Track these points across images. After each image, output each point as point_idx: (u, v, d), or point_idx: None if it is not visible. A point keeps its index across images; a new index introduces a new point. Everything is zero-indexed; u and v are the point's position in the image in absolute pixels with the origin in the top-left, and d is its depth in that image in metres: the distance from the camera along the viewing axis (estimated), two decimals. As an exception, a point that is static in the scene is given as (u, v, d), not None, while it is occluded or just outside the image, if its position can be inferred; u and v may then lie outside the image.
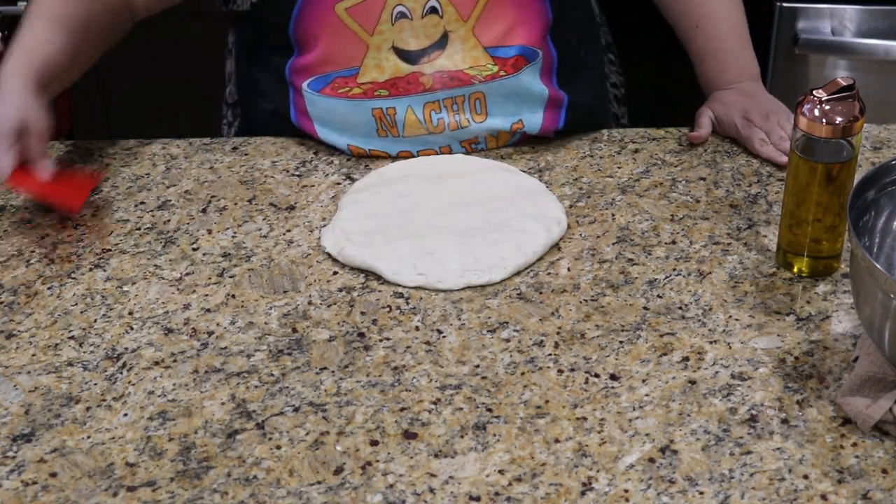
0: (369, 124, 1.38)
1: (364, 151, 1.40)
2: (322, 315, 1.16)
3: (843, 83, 1.13)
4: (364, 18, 1.35)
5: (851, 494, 0.95)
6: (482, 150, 1.41)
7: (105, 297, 1.19)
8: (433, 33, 1.36)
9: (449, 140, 1.39)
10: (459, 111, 1.37)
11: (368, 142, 1.39)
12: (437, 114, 1.37)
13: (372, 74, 1.37)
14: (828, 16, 2.03)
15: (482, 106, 1.38)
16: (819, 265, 1.20)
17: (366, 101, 1.37)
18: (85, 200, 1.31)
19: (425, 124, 1.37)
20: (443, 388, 1.07)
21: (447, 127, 1.38)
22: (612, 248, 1.25)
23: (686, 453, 0.99)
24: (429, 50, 1.36)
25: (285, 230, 1.29)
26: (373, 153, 1.40)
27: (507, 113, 1.39)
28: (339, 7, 1.34)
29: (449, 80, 1.36)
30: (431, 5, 1.34)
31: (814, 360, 1.09)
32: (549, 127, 1.42)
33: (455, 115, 1.37)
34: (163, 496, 0.96)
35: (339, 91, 1.37)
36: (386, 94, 1.37)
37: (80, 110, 2.28)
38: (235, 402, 1.06)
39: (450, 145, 1.39)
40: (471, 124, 1.38)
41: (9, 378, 1.09)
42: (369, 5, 1.34)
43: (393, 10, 1.34)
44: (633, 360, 1.10)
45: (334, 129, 1.40)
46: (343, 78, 1.38)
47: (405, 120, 1.37)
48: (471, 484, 0.96)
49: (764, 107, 1.43)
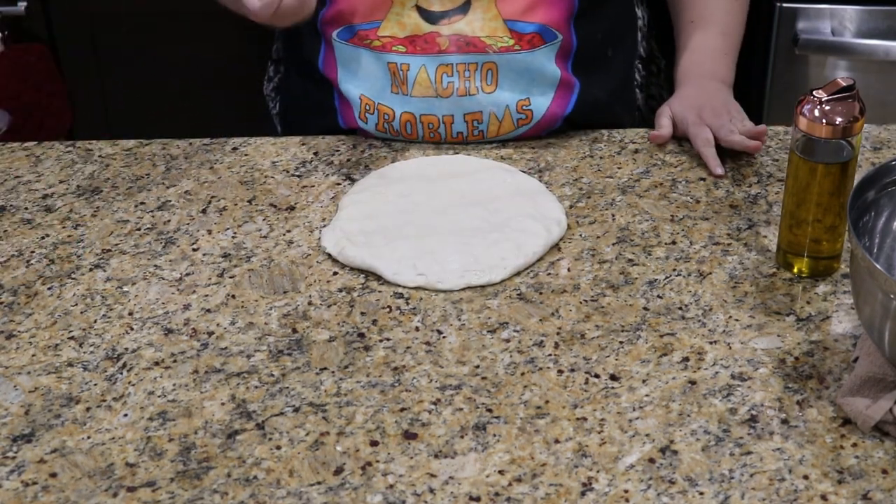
0: (385, 77, 1.41)
1: (373, 103, 1.42)
2: (322, 315, 1.16)
3: (843, 83, 1.13)
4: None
5: (851, 495, 0.95)
6: (482, 132, 1.41)
7: (105, 297, 1.19)
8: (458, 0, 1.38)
9: (453, 108, 1.40)
10: (471, 78, 1.39)
11: (380, 95, 1.42)
12: (448, 76, 1.39)
13: (392, 29, 1.39)
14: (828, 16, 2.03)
15: (493, 77, 1.39)
16: (819, 265, 1.20)
17: (384, 53, 1.40)
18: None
19: (435, 85, 1.39)
20: (443, 388, 1.07)
21: (455, 91, 1.39)
22: (612, 249, 1.25)
23: (686, 453, 0.99)
24: (450, 13, 1.39)
25: (285, 230, 1.29)
26: (381, 107, 1.42)
27: (517, 89, 1.40)
28: None
29: (464, 45, 1.39)
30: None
31: (814, 360, 1.09)
32: (556, 112, 1.42)
33: (465, 82, 1.39)
34: (163, 496, 0.96)
35: (364, 42, 1.40)
36: (403, 50, 1.39)
37: (80, 110, 2.28)
38: (235, 402, 1.06)
39: (453, 115, 1.40)
40: (479, 93, 1.40)
41: (9, 378, 1.09)
42: None
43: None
44: (633, 360, 1.10)
45: (352, 78, 1.43)
46: (365, 30, 1.40)
47: (416, 78, 1.39)
48: (471, 484, 0.96)
49: (719, 106, 1.42)
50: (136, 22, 2.22)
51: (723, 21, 1.50)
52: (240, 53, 2.18)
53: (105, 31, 2.24)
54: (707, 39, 1.49)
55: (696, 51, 1.49)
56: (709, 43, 1.49)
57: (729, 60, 1.50)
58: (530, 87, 1.41)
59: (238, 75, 2.22)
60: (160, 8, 2.20)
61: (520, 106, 1.41)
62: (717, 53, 1.49)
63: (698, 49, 1.49)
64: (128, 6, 2.20)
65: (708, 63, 1.48)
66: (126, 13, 2.21)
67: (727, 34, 1.50)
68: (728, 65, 1.49)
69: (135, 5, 2.20)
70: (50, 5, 2.20)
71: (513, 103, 1.41)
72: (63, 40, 2.24)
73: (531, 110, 1.41)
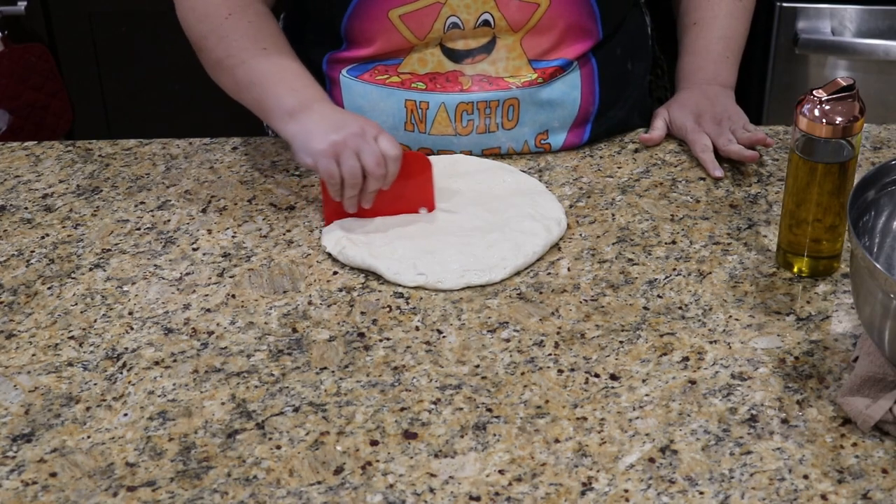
0: (399, 115, 1.38)
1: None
2: (322, 315, 1.16)
3: (843, 83, 1.13)
4: (417, 25, 1.34)
5: (851, 494, 0.95)
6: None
7: (105, 297, 1.19)
8: (482, 39, 1.36)
9: (472, 145, 1.39)
10: (492, 115, 1.37)
11: (394, 133, 1.38)
12: (468, 115, 1.37)
13: (413, 66, 1.37)
14: (828, 16, 2.03)
15: (515, 113, 1.38)
16: (819, 265, 1.20)
17: (401, 90, 1.37)
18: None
19: (454, 124, 1.37)
20: (443, 388, 1.07)
21: (475, 129, 1.38)
22: (612, 248, 1.25)
23: (686, 453, 0.99)
24: (474, 52, 1.36)
25: (285, 230, 1.29)
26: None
27: (537, 123, 1.39)
28: (394, 13, 1.33)
29: (487, 84, 1.37)
30: (485, 18, 1.34)
31: (814, 360, 1.09)
32: (573, 141, 1.42)
33: (486, 119, 1.38)
34: (163, 496, 0.96)
35: (377, 78, 1.38)
36: (423, 87, 1.37)
37: (80, 110, 2.28)
38: (235, 402, 1.06)
39: (471, 150, 1.39)
40: (499, 129, 1.38)
41: (9, 378, 1.09)
42: (423, 14, 1.33)
43: (446, 21, 1.33)
44: (633, 360, 1.10)
45: (364, 115, 1.38)
46: (384, 66, 1.38)
47: (436, 117, 1.37)
48: (471, 484, 0.96)
49: (719, 111, 1.41)
50: (136, 22, 2.22)
51: (726, 24, 1.49)
52: (240, 53, 2.18)
53: (105, 31, 2.24)
54: (709, 43, 1.48)
55: (698, 53, 1.48)
56: (710, 47, 1.48)
57: (730, 64, 1.49)
58: (550, 121, 1.40)
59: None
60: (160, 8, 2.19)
61: (538, 140, 1.40)
62: (719, 57, 1.48)
63: (700, 52, 1.48)
64: (128, 6, 2.20)
65: (709, 66, 1.47)
66: (126, 13, 2.21)
67: (730, 38, 1.49)
68: (729, 68, 1.48)
69: (135, 5, 2.20)
70: (50, 5, 2.20)
71: (531, 138, 1.40)
72: (63, 40, 2.24)
73: (549, 143, 1.41)
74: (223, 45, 1.33)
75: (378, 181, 1.24)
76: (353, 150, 1.23)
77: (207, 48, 1.35)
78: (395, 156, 1.23)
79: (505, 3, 1.33)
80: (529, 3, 1.34)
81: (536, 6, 1.34)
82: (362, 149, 1.23)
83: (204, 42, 1.35)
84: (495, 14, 1.34)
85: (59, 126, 2.24)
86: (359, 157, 1.23)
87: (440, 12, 1.33)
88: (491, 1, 1.33)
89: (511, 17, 1.34)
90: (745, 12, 1.50)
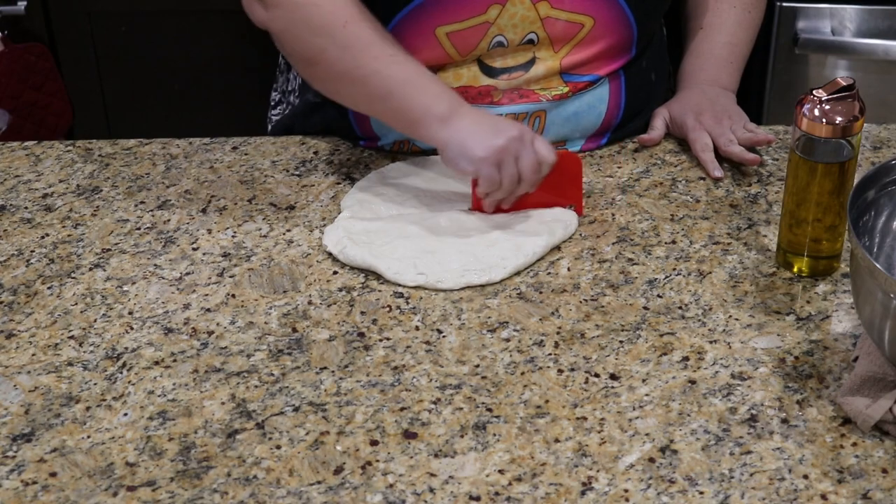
0: None
1: (408, 143, 1.40)
2: (322, 315, 1.16)
3: (843, 83, 1.13)
4: (462, 44, 1.32)
5: (851, 494, 0.95)
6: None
7: (105, 296, 1.19)
8: (522, 58, 1.35)
9: None
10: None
11: (417, 141, 1.38)
12: None
13: (447, 79, 1.35)
14: (828, 16, 2.03)
15: (541, 124, 1.37)
16: (819, 265, 1.20)
17: None
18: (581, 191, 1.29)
19: None
20: (443, 387, 1.07)
21: None
22: (612, 248, 1.25)
23: (686, 453, 0.99)
24: (513, 69, 1.35)
25: (285, 230, 1.29)
26: (414, 149, 1.40)
27: (561, 134, 1.39)
28: (441, 30, 1.31)
29: (517, 97, 1.36)
30: (530, 37, 1.33)
31: (814, 360, 1.09)
32: (589, 148, 1.42)
33: None
34: (163, 496, 0.96)
35: None
36: None
37: (80, 110, 2.28)
38: (235, 401, 1.06)
39: None
40: None
41: (9, 378, 1.09)
42: (471, 33, 1.32)
43: (492, 39, 1.32)
44: (633, 359, 1.10)
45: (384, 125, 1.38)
46: None
47: None
48: (471, 484, 0.96)
49: (720, 111, 1.41)
50: (136, 22, 2.22)
51: (732, 31, 1.48)
52: (240, 53, 2.18)
53: (105, 31, 2.24)
54: (714, 47, 1.48)
55: (701, 56, 1.48)
56: (715, 51, 1.47)
57: (733, 69, 1.48)
58: (574, 132, 1.39)
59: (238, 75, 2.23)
60: (160, 7, 2.20)
61: (556, 146, 1.40)
62: (722, 62, 1.47)
63: (703, 55, 1.48)
64: (127, 6, 2.20)
65: (711, 69, 1.47)
66: (126, 13, 2.21)
67: (735, 44, 1.48)
68: (732, 73, 1.48)
69: (134, 5, 2.20)
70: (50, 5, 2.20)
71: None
72: (63, 40, 2.24)
73: (565, 149, 1.40)
74: (349, 55, 1.27)
75: (530, 187, 1.24)
76: (514, 155, 1.22)
77: (328, 61, 1.28)
78: (551, 161, 1.23)
79: (552, 23, 1.32)
80: (575, 24, 1.33)
81: (581, 26, 1.33)
82: (521, 154, 1.22)
83: (323, 55, 1.28)
84: (540, 34, 1.33)
85: (59, 126, 2.24)
86: (517, 161, 1.22)
87: (488, 31, 1.32)
88: (538, 21, 1.32)
89: (555, 35, 1.33)
90: (752, 23, 1.50)
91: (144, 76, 2.26)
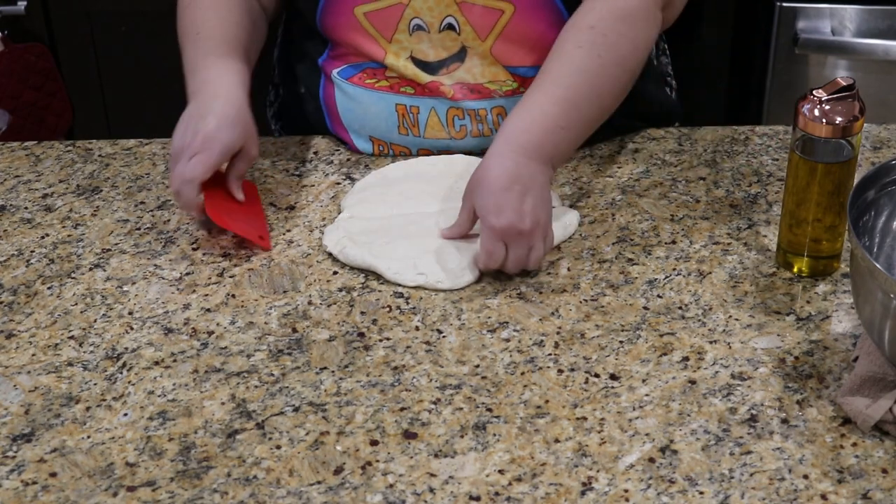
0: (391, 119, 1.38)
1: (386, 143, 1.40)
2: (322, 315, 1.16)
3: (843, 83, 1.13)
4: (382, 25, 1.34)
5: (851, 494, 0.95)
6: None
7: (105, 297, 1.19)
8: (451, 47, 1.35)
9: (471, 146, 1.38)
10: (483, 121, 1.37)
11: (389, 136, 1.39)
12: (459, 120, 1.37)
13: (400, 71, 1.37)
14: (828, 16, 2.03)
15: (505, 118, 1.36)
16: (819, 265, 1.20)
17: (390, 94, 1.37)
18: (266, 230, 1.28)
19: (447, 128, 1.37)
20: (443, 387, 1.07)
21: (469, 133, 1.37)
22: (612, 248, 1.25)
23: (686, 453, 0.99)
24: (447, 61, 1.35)
25: (285, 230, 1.29)
26: (394, 147, 1.40)
27: None
28: (359, 10, 1.34)
29: (469, 92, 1.36)
30: (448, 22, 1.33)
31: (814, 360, 1.09)
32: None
33: (479, 124, 1.37)
34: (163, 496, 0.96)
35: (366, 81, 1.38)
36: (412, 91, 1.36)
37: (80, 110, 2.28)
38: (235, 401, 1.06)
39: (472, 150, 1.38)
40: (492, 133, 1.37)
41: (9, 378, 1.09)
42: (387, 13, 1.33)
43: (410, 22, 1.33)
44: (633, 360, 1.10)
45: (358, 119, 1.40)
46: (373, 69, 1.38)
47: (427, 121, 1.37)
48: (471, 484, 0.96)
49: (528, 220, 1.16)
50: (136, 21, 2.22)
51: (574, 84, 1.22)
52: (240, 53, 2.18)
53: (105, 31, 2.24)
54: (545, 103, 1.22)
55: (530, 110, 1.22)
56: (547, 108, 1.21)
57: (567, 136, 1.22)
58: None
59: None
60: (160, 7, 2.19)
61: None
62: (554, 126, 1.21)
63: (532, 108, 1.22)
64: (128, 6, 2.20)
65: (536, 133, 1.20)
66: (126, 13, 2.21)
67: (577, 106, 1.22)
68: (560, 144, 1.22)
69: (135, 5, 2.20)
70: (50, 5, 2.20)
71: None
72: (63, 40, 2.24)
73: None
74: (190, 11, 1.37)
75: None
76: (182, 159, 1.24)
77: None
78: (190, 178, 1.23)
79: (468, 8, 1.32)
80: (493, 9, 1.32)
81: (501, 12, 1.33)
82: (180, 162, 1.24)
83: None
84: (459, 18, 1.33)
85: (59, 126, 2.24)
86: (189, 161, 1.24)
87: (403, 13, 1.33)
88: (454, 5, 1.32)
89: (475, 21, 1.33)
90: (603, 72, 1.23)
91: (144, 76, 2.26)
